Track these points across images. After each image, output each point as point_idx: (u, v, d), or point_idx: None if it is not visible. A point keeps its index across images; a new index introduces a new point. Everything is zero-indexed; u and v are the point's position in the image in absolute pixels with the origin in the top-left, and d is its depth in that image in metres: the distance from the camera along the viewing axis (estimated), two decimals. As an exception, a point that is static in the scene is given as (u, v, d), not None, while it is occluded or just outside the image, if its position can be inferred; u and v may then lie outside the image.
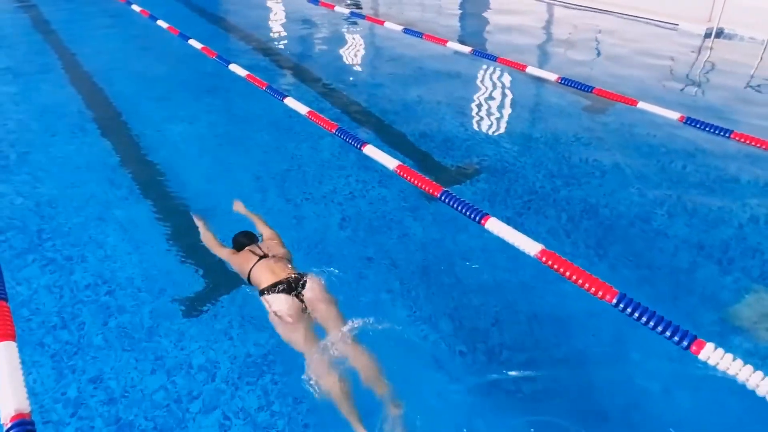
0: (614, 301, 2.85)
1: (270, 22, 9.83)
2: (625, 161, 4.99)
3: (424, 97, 6.32)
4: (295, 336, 2.83)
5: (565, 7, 10.54)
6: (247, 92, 6.12)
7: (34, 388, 2.76)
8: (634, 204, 4.37)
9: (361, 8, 10.71)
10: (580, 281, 3.00)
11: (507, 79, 6.92)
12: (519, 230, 3.96)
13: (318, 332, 2.89)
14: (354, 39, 8.87)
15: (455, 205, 3.70)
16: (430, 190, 3.90)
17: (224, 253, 3.45)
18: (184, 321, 3.19)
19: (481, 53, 7.34)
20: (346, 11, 9.92)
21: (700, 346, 2.59)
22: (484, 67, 7.27)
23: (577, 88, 6.08)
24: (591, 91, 5.92)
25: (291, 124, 5.45)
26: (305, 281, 2.98)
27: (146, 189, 4.51)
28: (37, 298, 3.34)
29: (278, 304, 2.88)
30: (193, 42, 7.26)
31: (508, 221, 4.17)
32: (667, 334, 2.68)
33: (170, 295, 3.37)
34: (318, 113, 5.11)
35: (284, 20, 10.13)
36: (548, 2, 10.86)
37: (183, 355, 2.97)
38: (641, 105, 5.52)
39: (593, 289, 2.94)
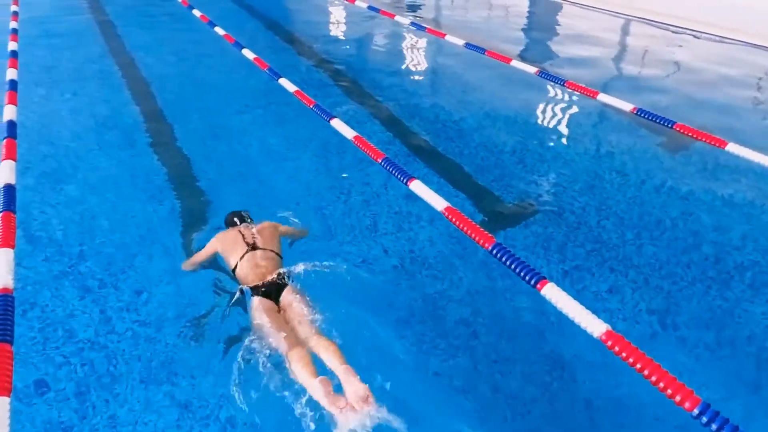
0: (695, 411, 2.35)
1: (326, 32, 9.60)
2: (706, 213, 4.40)
3: (482, 122, 5.88)
4: (269, 328, 2.89)
5: (645, 23, 9.74)
6: (297, 109, 5.87)
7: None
8: (712, 266, 3.80)
9: (422, 18, 10.33)
10: (654, 378, 2.50)
11: (575, 106, 6.35)
12: (578, 293, 3.56)
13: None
14: (412, 53, 8.51)
15: (508, 262, 3.25)
16: (481, 241, 3.48)
17: (214, 247, 3.39)
18: (214, 361, 2.95)
19: (548, 75, 6.78)
20: (407, 21, 9.56)
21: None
22: (550, 91, 6.72)
23: (655, 121, 5.44)
24: (672, 127, 5.28)
25: (338, 148, 5.16)
26: (284, 286, 3.09)
27: (188, 209, 4.34)
28: (68, 321, 3.22)
29: (257, 303, 3.01)
30: (246, 52, 7.12)
31: (565, 274, 3.77)
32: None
33: (201, 329, 3.15)
34: (365, 139, 4.78)
35: (341, 30, 9.90)
36: (625, 18, 10.09)
37: (213, 404, 2.73)
38: (731, 147, 4.84)
39: (669, 391, 2.44)
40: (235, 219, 3.56)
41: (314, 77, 7.14)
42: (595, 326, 2.75)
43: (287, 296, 3.06)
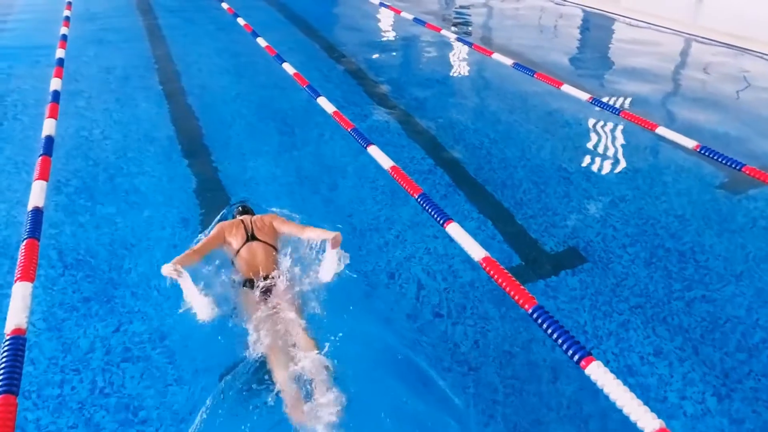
0: None
1: (369, 44, 9.30)
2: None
3: (527, 153, 5.54)
4: (254, 322, 2.99)
5: (712, 45, 9.00)
6: (335, 130, 5.70)
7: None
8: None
9: (469, 34, 9.98)
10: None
11: (630, 139, 5.88)
12: (624, 356, 3.23)
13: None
14: (456, 72, 8.18)
15: (549, 330, 2.95)
16: (521, 301, 3.18)
17: (219, 233, 3.34)
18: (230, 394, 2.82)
19: (602, 103, 6.35)
20: (453, 36, 9.25)
21: None
22: (604, 120, 6.27)
23: (720, 161, 4.97)
24: (740, 169, 4.81)
25: (376, 173, 4.94)
26: (275, 283, 3.16)
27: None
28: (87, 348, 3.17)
29: (248, 297, 3.13)
30: (286, 66, 6.98)
31: (610, 335, 3.43)
32: None
33: (221, 365, 3.02)
34: (402, 170, 4.54)
35: (384, 43, 9.64)
36: (688, 37, 9.43)
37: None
38: (807, 198, 4.36)
39: None
40: (240, 209, 3.64)
41: (354, 93, 6.94)
42: (646, 421, 2.43)
43: (279, 291, 3.13)
